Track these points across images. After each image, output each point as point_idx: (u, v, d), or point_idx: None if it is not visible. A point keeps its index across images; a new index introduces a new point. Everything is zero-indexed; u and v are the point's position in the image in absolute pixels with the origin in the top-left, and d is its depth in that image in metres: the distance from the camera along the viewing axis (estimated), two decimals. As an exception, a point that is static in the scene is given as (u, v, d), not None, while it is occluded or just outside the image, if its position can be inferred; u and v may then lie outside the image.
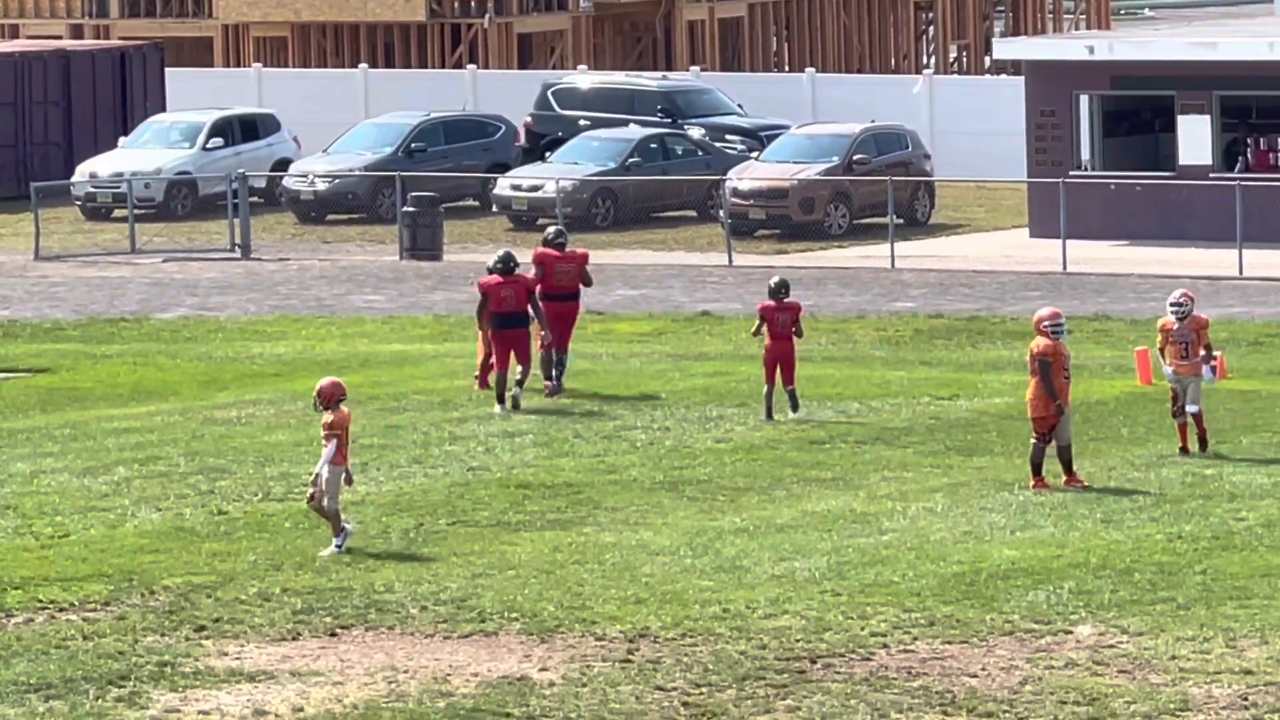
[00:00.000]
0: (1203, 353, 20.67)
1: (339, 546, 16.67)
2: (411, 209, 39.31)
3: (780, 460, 20.83)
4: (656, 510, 18.50)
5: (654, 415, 23.26)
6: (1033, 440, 19.20)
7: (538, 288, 24.07)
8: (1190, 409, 20.31)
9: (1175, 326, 20.65)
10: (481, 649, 13.79)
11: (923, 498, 18.76)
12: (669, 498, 19.09)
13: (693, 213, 42.92)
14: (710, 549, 16.75)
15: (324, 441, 16.88)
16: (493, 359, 23.75)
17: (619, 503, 18.81)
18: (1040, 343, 19.55)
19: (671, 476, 20.02)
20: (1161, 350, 20.97)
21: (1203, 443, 20.47)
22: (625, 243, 39.95)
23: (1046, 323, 19.69)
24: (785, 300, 23.56)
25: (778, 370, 22.87)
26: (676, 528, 17.68)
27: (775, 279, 24.34)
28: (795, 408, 22.81)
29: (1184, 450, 20.38)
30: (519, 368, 23.67)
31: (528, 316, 23.80)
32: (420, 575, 15.98)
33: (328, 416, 16.91)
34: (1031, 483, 19.07)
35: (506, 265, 24.15)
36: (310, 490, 16.98)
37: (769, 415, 22.84)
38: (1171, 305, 20.94)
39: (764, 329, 23.26)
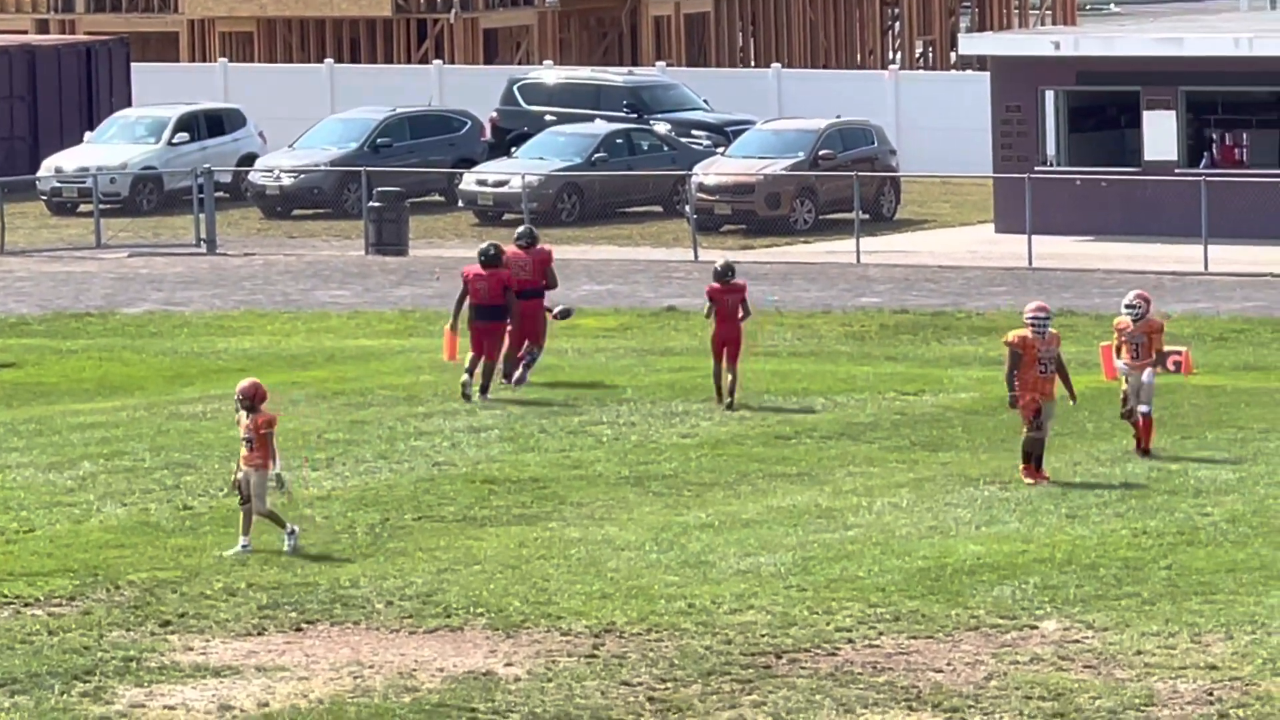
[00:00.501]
0: (1154, 356, 20.67)
1: (290, 547, 16.62)
2: (377, 204, 39.21)
3: (745, 455, 20.83)
4: (622, 505, 18.50)
5: (619, 410, 23.24)
6: (1024, 430, 19.29)
7: (515, 284, 24.23)
8: (1141, 409, 20.30)
9: (1129, 327, 20.66)
10: (447, 644, 13.78)
11: (888, 493, 18.78)
12: (635, 493, 19.08)
13: (658, 208, 42.91)
14: (676, 544, 16.75)
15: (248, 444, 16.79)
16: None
17: (585, 498, 18.80)
18: (1015, 333, 19.65)
19: (637, 471, 20.01)
20: (1117, 349, 21.01)
21: (1144, 449, 20.36)
22: (591, 238, 39.92)
23: (1029, 315, 19.74)
24: (732, 282, 23.71)
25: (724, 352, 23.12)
26: (642, 523, 17.67)
27: (721, 261, 24.61)
28: (731, 392, 22.92)
29: (1143, 452, 20.34)
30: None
31: (503, 310, 23.93)
32: (386, 570, 15.95)
33: (251, 416, 16.79)
34: (1021, 469, 19.12)
35: (488, 257, 24.29)
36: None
37: (719, 397, 22.98)
38: (1126, 306, 20.95)
39: (713, 312, 23.56)
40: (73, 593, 15.28)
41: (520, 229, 28.05)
